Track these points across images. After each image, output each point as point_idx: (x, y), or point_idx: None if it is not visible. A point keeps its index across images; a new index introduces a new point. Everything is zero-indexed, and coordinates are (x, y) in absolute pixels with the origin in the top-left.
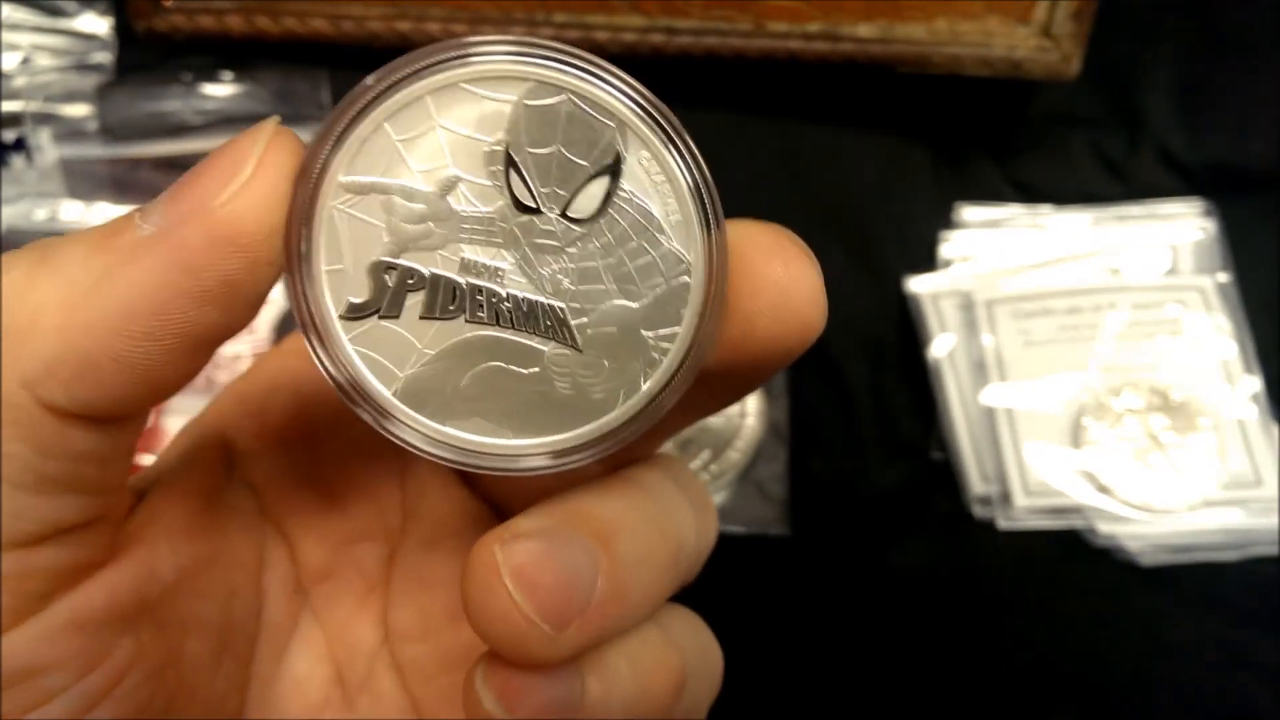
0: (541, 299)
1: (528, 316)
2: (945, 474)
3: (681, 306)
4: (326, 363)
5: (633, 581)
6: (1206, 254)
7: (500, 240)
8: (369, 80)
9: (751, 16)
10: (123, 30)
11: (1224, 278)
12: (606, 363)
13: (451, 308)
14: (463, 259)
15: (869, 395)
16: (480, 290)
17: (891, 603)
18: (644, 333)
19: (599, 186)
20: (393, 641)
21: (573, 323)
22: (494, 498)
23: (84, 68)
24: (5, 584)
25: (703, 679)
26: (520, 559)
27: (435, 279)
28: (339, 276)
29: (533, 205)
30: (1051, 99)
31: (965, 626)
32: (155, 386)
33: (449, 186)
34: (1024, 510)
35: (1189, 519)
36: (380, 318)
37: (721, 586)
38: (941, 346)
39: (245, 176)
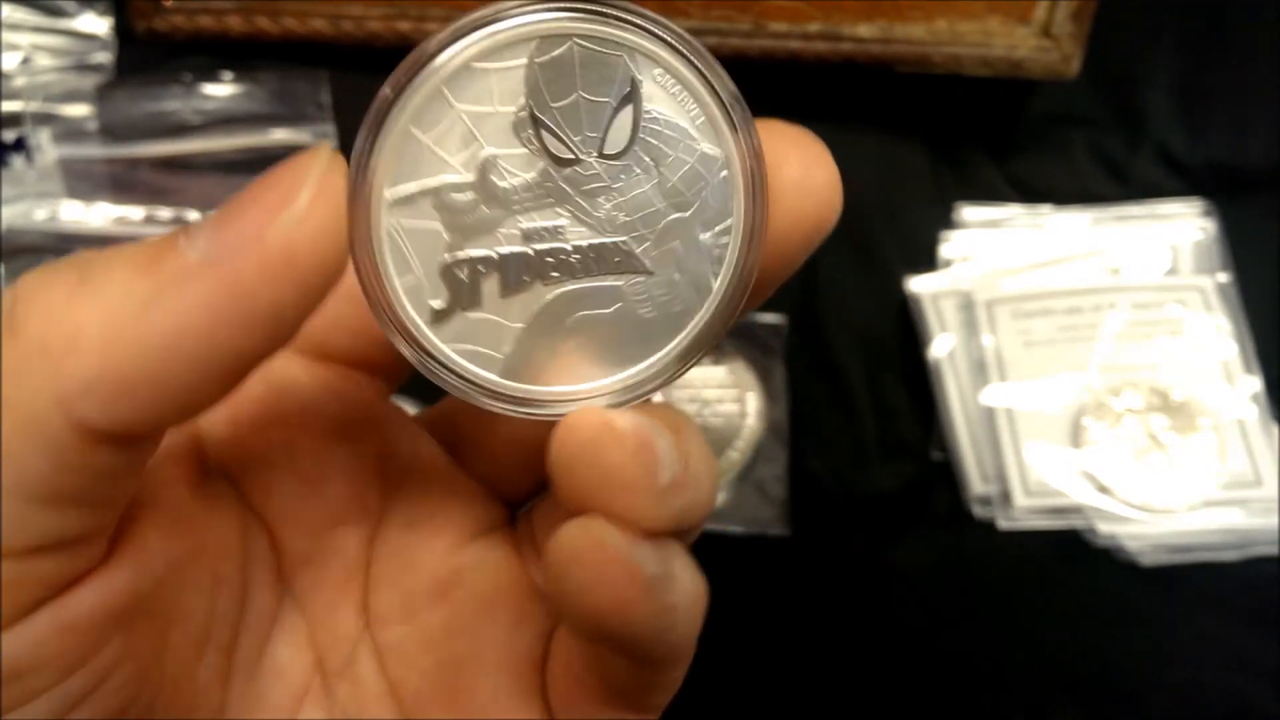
0: (605, 239)
1: (597, 260)
2: (945, 474)
3: (729, 199)
4: (431, 368)
5: (699, 473)
6: (1206, 254)
7: (551, 199)
8: (385, 91)
9: (751, 16)
10: (122, 30)
11: (1224, 278)
12: (677, 276)
13: (526, 278)
14: (522, 229)
15: (869, 395)
16: (547, 252)
17: (891, 603)
18: (702, 236)
19: (625, 117)
20: (373, 625)
21: (637, 250)
22: (482, 473)
23: (84, 68)
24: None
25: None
26: (628, 420)
27: (503, 258)
28: (414, 287)
29: (570, 156)
30: (1051, 99)
31: (965, 626)
32: (189, 408)
33: (489, 167)
34: (1024, 510)
35: (1189, 519)
36: (464, 311)
37: (721, 586)
38: (941, 346)
39: (302, 205)
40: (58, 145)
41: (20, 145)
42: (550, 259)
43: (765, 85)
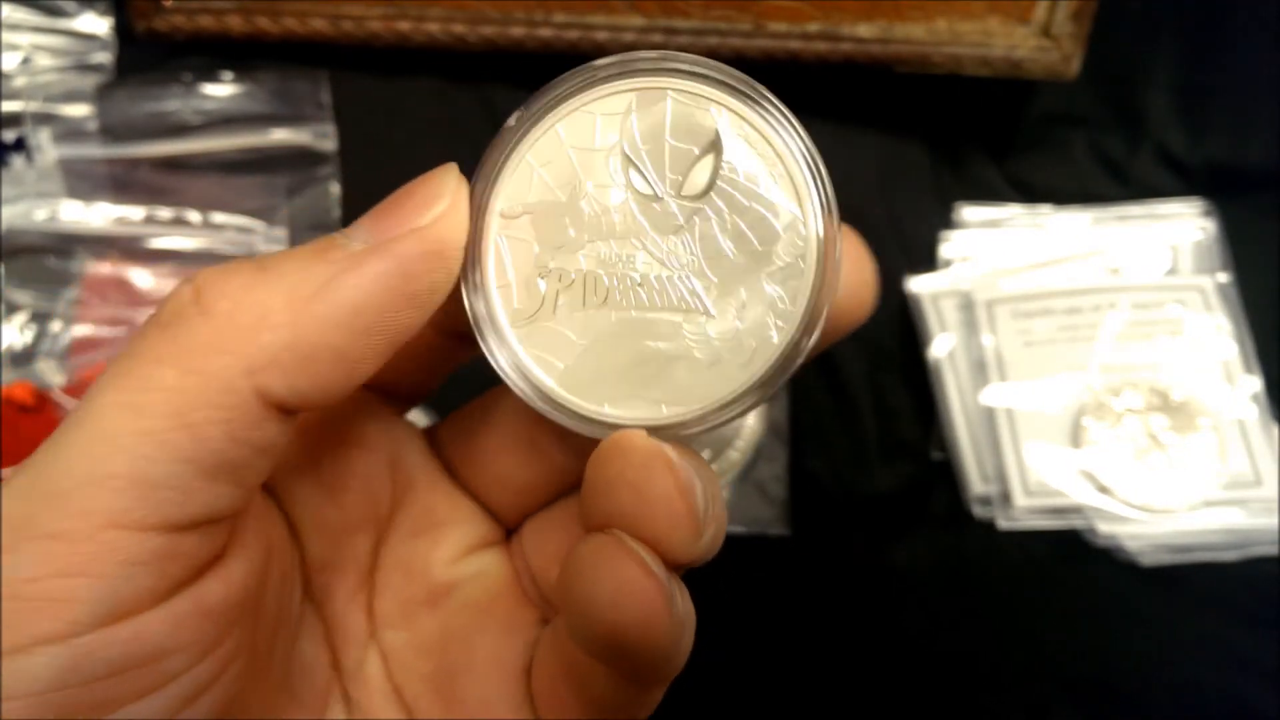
0: (673, 274)
1: (661, 293)
2: (945, 474)
3: (799, 257)
4: (502, 363)
5: (720, 514)
6: (1206, 254)
7: (630, 231)
8: (510, 122)
9: (751, 16)
10: (122, 30)
11: (1224, 278)
12: (738, 324)
13: (595, 299)
14: (600, 254)
15: (869, 395)
16: (619, 278)
17: (891, 602)
18: (768, 288)
19: (706, 164)
20: (378, 630)
21: (702, 291)
22: (478, 491)
23: (84, 68)
24: (152, 565)
25: None
26: (677, 454)
27: (581, 276)
28: (506, 290)
29: (651, 194)
30: (1051, 99)
31: (965, 626)
32: (356, 379)
33: (582, 194)
34: (1024, 510)
35: (1189, 519)
36: (540, 320)
37: (722, 586)
38: (941, 346)
39: (445, 204)
40: (58, 145)
41: (20, 145)
42: (620, 285)
43: (765, 84)
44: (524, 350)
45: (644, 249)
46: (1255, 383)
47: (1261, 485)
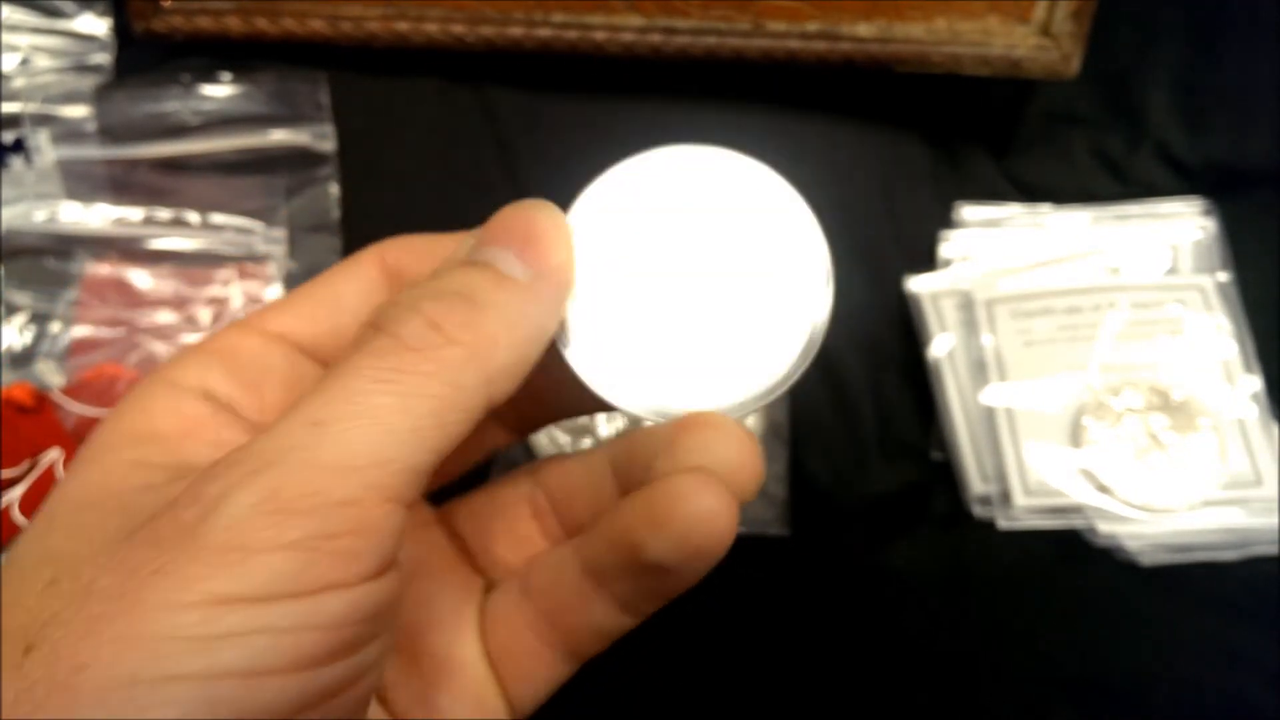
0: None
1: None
2: (945, 474)
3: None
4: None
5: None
6: (1206, 253)
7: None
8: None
9: (750, 16)
10: (121, 31)
11: (1224, 277)
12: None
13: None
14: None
15: (869, 395)
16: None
17: (891, 602)
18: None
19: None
20: None
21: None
22: (465, 537)
23: (82, 69)
24: (400, 536)
25: None
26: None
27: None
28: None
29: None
30: (1051, 98)
31: (965, 626)
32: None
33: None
34: (1024, 510)
35: (1189, 519)
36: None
37: (721, 586)
38: (941, 346)
39: (566, 245)
40: (56, 146)
41: (19, 146)
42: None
43: (765, 85)
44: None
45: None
46: (1255, 382)
47: (1261, 485)
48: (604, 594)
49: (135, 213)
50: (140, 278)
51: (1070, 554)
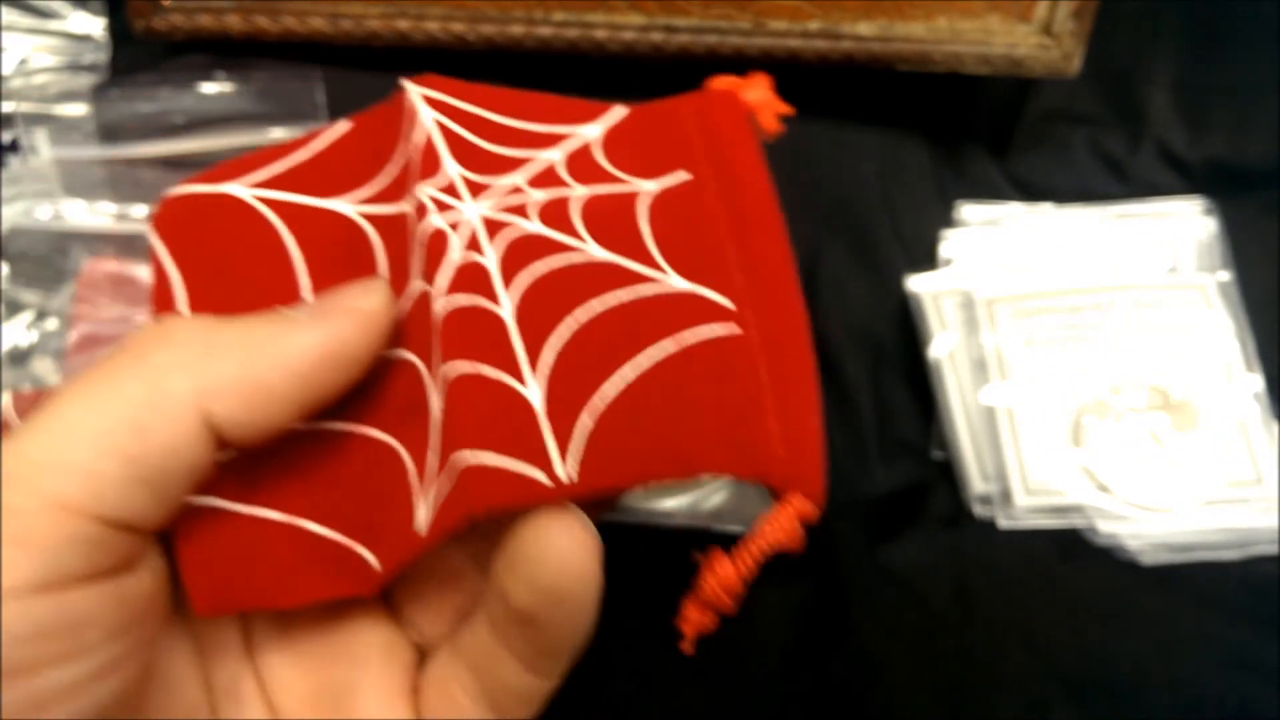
0: None
1: None
2: (945, 473)
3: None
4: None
5: None
6: (1207, 253)
7: None
8: None
9: (751, 15)
10: (118, 31)
11: (1225, 276)
12: None
13: None
14: None
15: (869, 395)
16: None
17: (891, 602)
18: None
19: None
20: (254, 648)
21: None
22: (401, 604)
23: (78, 68)
24: (83, 548)
25: None
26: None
27: None
28: None
29: None
30: (1052, 97)
31: (965, 626)
32: (278, 423)
33: None
34: (1024, 509)
35: (1189, 518)
36: None
37: None
38: (942, 345)
39: (378, 292)
40: (54, 146)
41: (16, 146)
42: None
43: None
44: None
45: None
46: (1256, 381)
47: (1262, 484)
48: (506, 652)
49: (138, 209)
50: (138, 274)
51: (1071, 553)
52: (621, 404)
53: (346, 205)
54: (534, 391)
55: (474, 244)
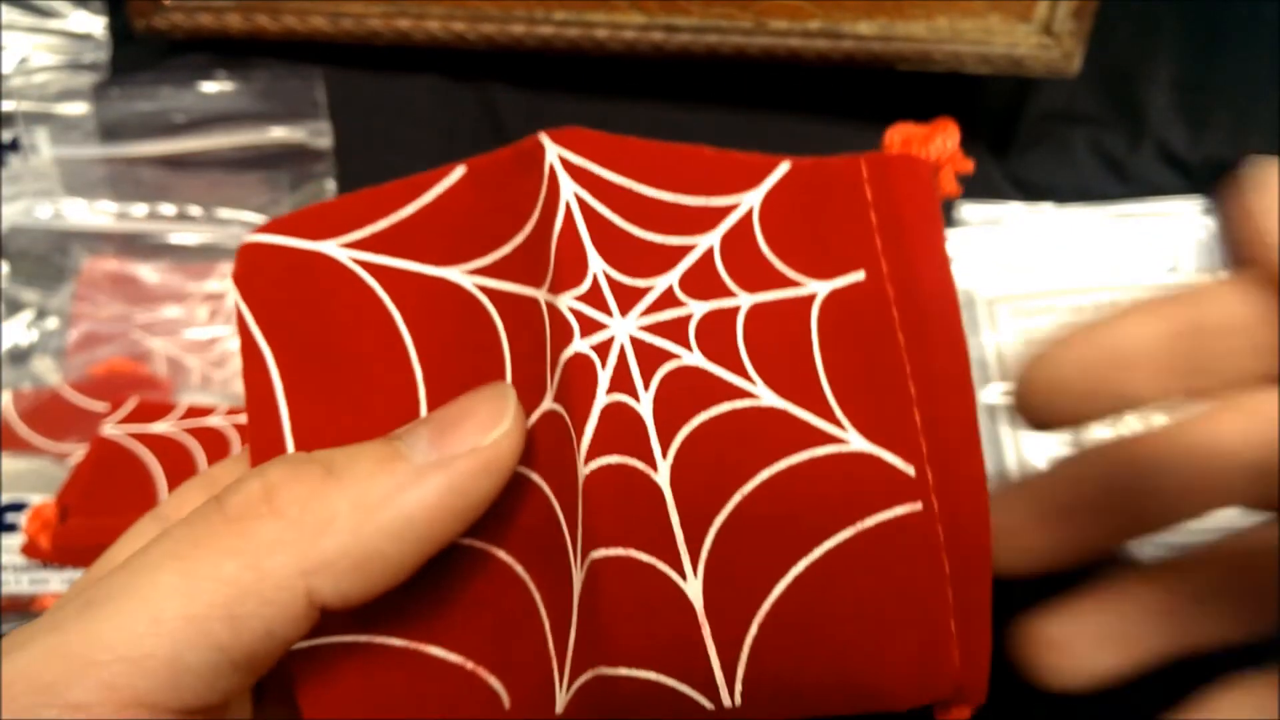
0: None
1: None
2: None
3: None
4: None
5: None
6: (1207, 252)
7: None
8: None
9: (752, 14)
10: (118, 29)
11: (1225, 276)
12: None
13: None
14: None
15: None
16: None
17: None
18: None
19: None
20: None
21: None
22: None
23: (79, 67)
24: None
25: None
26: None
27: None
28: None
29: None
30: (1052, 97)
31: None
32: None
33: None
34: None
35: None
36: None
37: None
38: None
39: (508, 424)
40: (54, 145)
41: (16, 145)
42: None
43: (766, 83)
44: None
45: None
46: None
47: None
48: None
49: (139, 208)
50: (140, 273)
51: None
52: (790, 609)
53: (461, 275)
54: (694, 586)
55: (625, 379)
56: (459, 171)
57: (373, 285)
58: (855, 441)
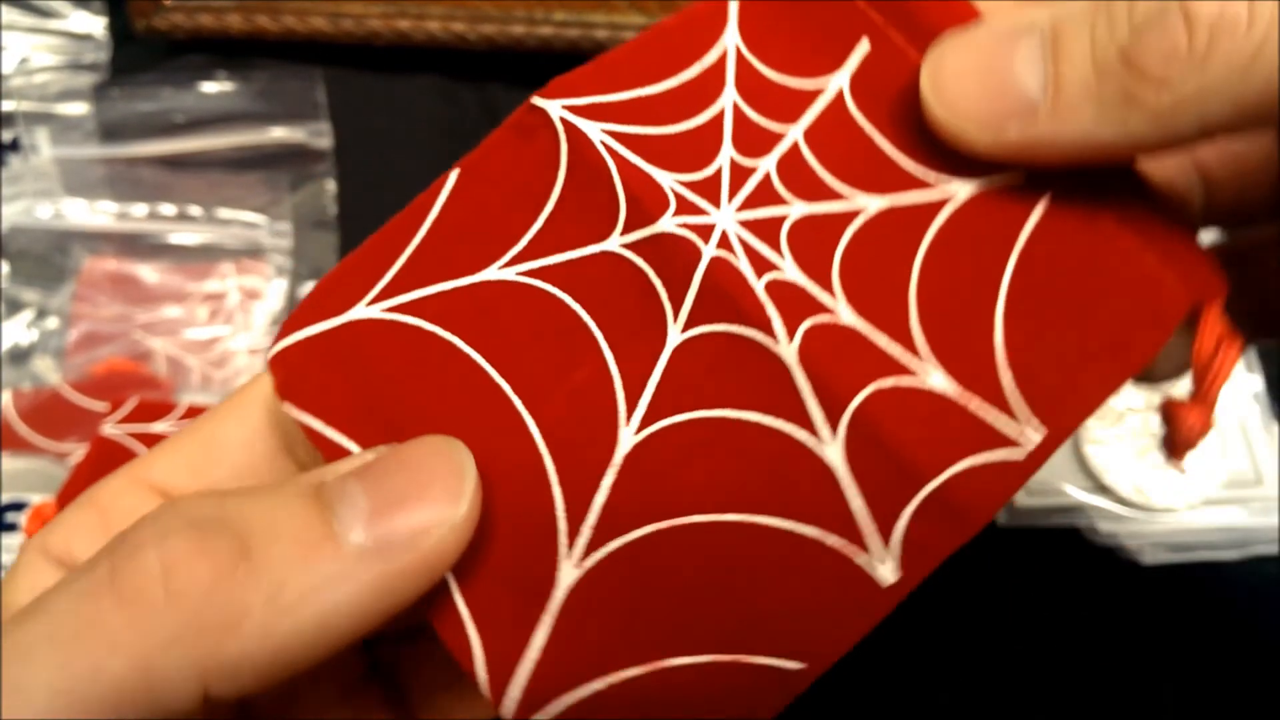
0: None
1: None
2: None
3: None
4: None
5: None
6: None
7: None
8: None
9: None
10: (118, 30)
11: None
12: None
13: None
14: None
15: None
16: None
17: None
18: None
19: None
20: None
21: None
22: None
23: (79, 67)
24: None
25: None
26: None
27: None
28: None
29: None
30: None
31: (965, 625)
32: (301, 672)
33: None
34: (1025, 509)
35: (1190, 517)
36: None
37: None
38: None
39: (460, 517)
40: (55, 145)
41: (16, 145)
42: None
43: None
44: None
45: None
46: (1256, 382)
47: (1262, 484)
48: None
49: (139, 208)
50: (140, 273)
51: (1071, 553)
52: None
53: (499, 272)
54: (835, 450)
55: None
56: (453, 176)
57: (420, 325)
58: (935, 380)
